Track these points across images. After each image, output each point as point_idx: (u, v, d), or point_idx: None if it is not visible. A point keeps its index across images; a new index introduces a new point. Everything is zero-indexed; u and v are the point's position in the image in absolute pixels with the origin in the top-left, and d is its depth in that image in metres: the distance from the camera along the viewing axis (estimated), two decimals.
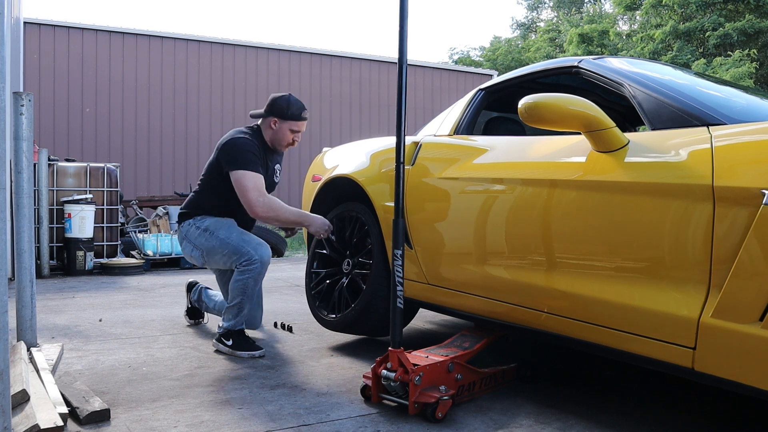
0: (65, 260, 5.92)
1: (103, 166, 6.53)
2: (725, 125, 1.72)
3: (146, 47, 11.58)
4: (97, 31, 11.23)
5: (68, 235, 5.84)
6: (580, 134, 1.98)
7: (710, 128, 1.71)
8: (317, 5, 65.08)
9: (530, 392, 2.27)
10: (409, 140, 2.81)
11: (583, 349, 1.95)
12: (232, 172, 2.84)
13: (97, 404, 1.96)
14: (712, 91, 2.09)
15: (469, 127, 2.79)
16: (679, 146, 1.73)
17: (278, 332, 3.31)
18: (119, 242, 6.65)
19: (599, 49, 20.87)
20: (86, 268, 5.85)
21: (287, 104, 2.95)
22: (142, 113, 11.47)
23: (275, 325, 3.45)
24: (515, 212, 2.16)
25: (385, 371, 2.02)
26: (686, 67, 13.47)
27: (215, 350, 2.86)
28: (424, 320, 3.67)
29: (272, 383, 2.36)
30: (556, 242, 2.01)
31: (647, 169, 1.76)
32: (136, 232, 6.88)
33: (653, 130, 1.89)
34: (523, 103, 1.91)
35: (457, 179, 2.44)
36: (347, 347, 2.97)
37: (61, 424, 1.69)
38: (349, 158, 3.25)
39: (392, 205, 2.52)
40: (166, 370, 2.53)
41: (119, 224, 6.76)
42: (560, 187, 1.99)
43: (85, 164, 6.46)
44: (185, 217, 3.05)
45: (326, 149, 3.83)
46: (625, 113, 3.21)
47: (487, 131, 2.89)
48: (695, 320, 1.59)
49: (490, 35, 61.08)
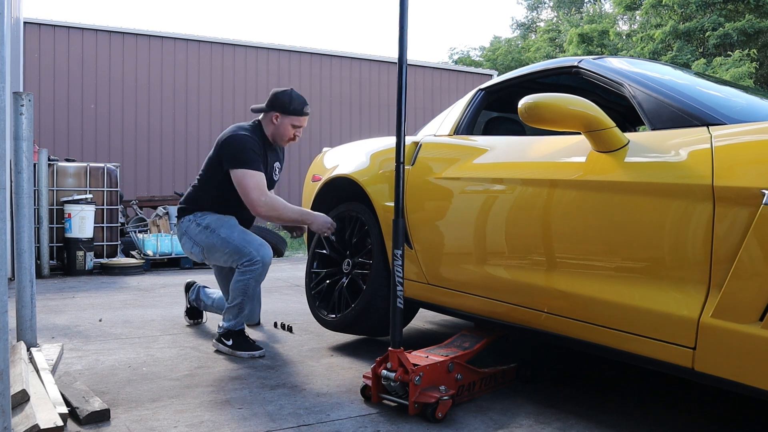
0: (65, 260, 5.92)
1: (103, 166, 6.53)
2: (725, 125, 1.72)
3: (146, 47, 11.59)
4: (97, 31, 11.24)
5: (68, 235, 5.84)
6: (580, 134, 1.98)
7: (710, 128, 1.71)
8: (317, 5, 65.11)
9: (530, 392, 2.27)
10: (409, 140, 2.81)
11: (583, 349, 1.95)
12: (233, 170, 2.84)
13: (97, 404, 1.96)
14: (712, 91, 2.09)
15: (469, 127, 2.79)
16: (679, 146, 1.73)
17: (278, 332, 3.31)
18: (119, 242, 6.65)
19: (599, 49, 20.86)
20: (86, 268, 5.85)
21: (289, 99, 2.94)
22: (142, 113, 11.48)
23: (275, 325, 3.45)
24: (515, 212, 2.16)
25: (385, 371, 2.02)
26: (686, 67, 13.47)
27: (215, 350, 2.87)
28: (424, 320, 3.68)
29: (272, 383, 2.37)
30: (556, 242, 2.01)
31: (647, 169, 1.76)
32: (136, 232, 6.88)
33: (653, 130, 1.89)
34: (523, 103, 1.91)
35: (457, 179, 2.44)
36: (347, 347, 2.97)
37: (61, 424, 1.69)
38: (349, 158, 3.25)
39: (392, 205, 2.52)
40: (166, 370, 2.53)
41: (119, 224, 6.76)
42: (560, 187, 1.99)
43: (85, 164, 6.46)
44: (184, 212, 3.04)
45: (326, 149, 3.83)
46: (625, 113, 3.21)
47: (487, 131, 2.89)
48: (695, 320, 1.59)
49: (490, 35, 61.09)
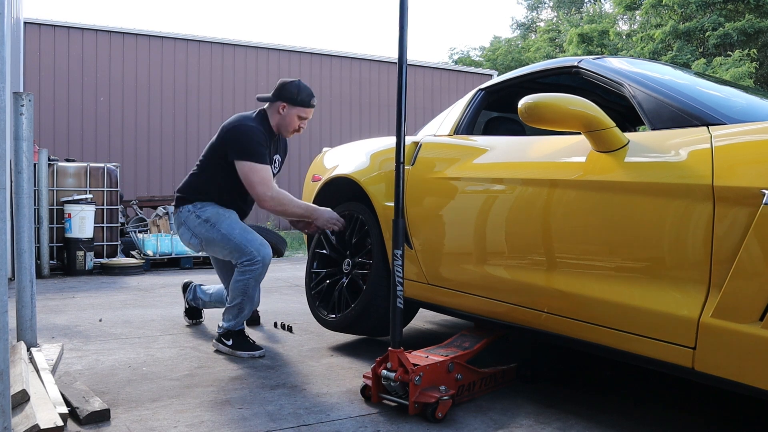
0: (65, 260, 5.92)
1: (103, 166, 6.54)
2: (725, 125, 1.72)
3: (146, 47, 11.60)
4: (97, 31, 11.25)
5: (68, 235, 5.84)
6: (580, 134, 1.98)
7: (710, 128, 1.71)
8: (317, 5, 65.11)
9: (530, 392, 2.27)
10: (409, 140, 2.81)
11: (583, 349, 1.95)
12: (239, 162, 2.80)
13: (97, 404, 1.96)
14: (712, 91, 2.09)
15: (469, 127, 2.79)
16: (679, 146, 1.73)
17: (278, 332, 3.31)
18: (119, 242, 6.65)
19: (599, 49, 20.86)
20: (86, 268, 5.85)
21: (297, 90, 2.90)
22: (142, 113, 11.48)
23: (275, 325, 3.45)
24: (515, 212, 2.16)
25: (385, 371, 2.02)
26: (686, 67, 13.47)
27: (215, 350, 2.86)
28: (424, 320, 3.67)
29: (272, 383, 2.36)
30: (556, 242, 2.00)
31: (647, 168, 1.76)
32: (136, 232, 6.88)
33: (653, 130, 1.89)
34: (523, 103, 1.91)
35: (457, 179, 2.44)
36: (347, 347, 2.97)
37: (61, 424, 1.69)
38: (349, 158, 3.25)
39: (392, 205, 2.52)
40: (166, 370, 2.53)
41: (119, 224, 6.76)
42: (560, 187, 1.99)
43: (85, 164, 6.47)
44: (183, 201, 2.97)
45: (326, 149, 3.83)
46: (625, 113, 3.21)
47: (487, 131, 2.89)
48: (695, 320, 1.59)
49: (490, 35, 61.11)
